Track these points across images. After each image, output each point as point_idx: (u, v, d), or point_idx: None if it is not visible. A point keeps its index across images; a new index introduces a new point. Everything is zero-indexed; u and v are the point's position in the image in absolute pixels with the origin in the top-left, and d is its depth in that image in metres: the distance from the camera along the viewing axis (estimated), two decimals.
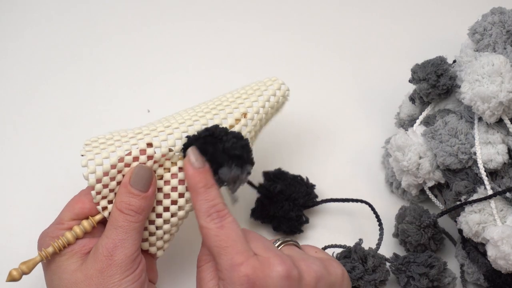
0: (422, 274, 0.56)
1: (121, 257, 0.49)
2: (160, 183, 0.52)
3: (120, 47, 0.77)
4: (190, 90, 0.74)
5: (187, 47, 0.77)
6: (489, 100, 0.55)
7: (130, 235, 0.50)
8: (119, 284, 0.49)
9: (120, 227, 0.50)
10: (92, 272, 0.49)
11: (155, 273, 0.56)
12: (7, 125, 0.70)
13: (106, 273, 0.49)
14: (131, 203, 0.50)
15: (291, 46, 0.78)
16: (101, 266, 0.49)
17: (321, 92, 0.74)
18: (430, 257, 0.57)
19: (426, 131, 0.59)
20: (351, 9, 0.81)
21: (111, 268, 0.49)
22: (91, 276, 0.49)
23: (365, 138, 0.70)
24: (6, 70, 0.74)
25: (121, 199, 0.51)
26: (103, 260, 0.49)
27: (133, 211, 0.50)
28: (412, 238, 0.59)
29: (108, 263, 0.49)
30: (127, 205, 0.50)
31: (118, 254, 0.49)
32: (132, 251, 0.50)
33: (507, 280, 0.57)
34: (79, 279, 0.50)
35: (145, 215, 0.51)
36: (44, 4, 0.80)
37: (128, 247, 0.50)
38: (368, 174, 0.68)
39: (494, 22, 0.61)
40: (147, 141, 0.52)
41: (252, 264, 0.47)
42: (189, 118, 0.54)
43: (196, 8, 0.81)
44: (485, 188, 0.56)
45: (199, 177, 0.50)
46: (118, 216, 0.50)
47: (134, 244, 0.50)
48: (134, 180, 0.50)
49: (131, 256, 0.50)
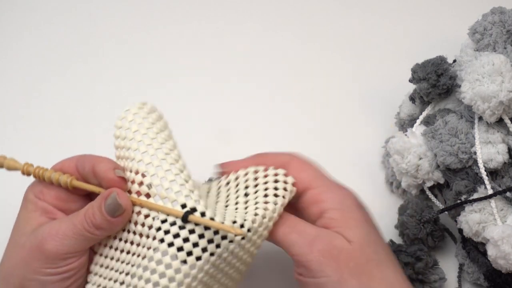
0: (407, 264, 0.57)
1: (53, 249, 0.48)
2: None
3: (120, 47, 0.77)
4: (190, 90, 0.74)
5: (188, 48, 0.77)
6: (490, 99, 0.55)
7: (76, 237, 0.49)
8: (38, 271, 0.48)
9: (73, 224, 0.49)
10: (27, 244, 0.49)
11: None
12: (7, 125, 0.70)
13: (33, 253, 0.49)
14: (95, 216, 0.49)
15: (291, 46, 0.78)
16: (33, 244, 0.49)
17: (321, 92, 0.74)
18: (420, 250, 0.58)
19: (426, 131, 0.59)
20: (351, 9, 0.81)
21: (38, 252, 0.48)
22: (25, 247, 0.49)
23: (365, 138, 0.70)
24: (6, 70, 0.74)
25: (92, 205, 0.50)
26: (39, 240, 0.49)
27: (92, 223, 0.49)
28: (410, 231, 0.59)
29: (39, 246, 0.48)
30: (91, 215, 0.49)
31: (51, 243, 0.48)
32: (66, 251, 0.49)
33: (507, 280, 0.57)
34: (19, 243, 0.49)
35: (101, 233, 0.50)
36: (44, 5, 0.80)
37: (66, 244, 0.49)
38: (368, 174, 0.68)
39: (494, 21, 0.61)
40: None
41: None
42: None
43: (196, 9, 0.81)
44: (485, 187, 0.56)
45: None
46: (79, 216, 0.50)
47: (73, 246, 0.49)
48: (108, 202, 0.49)
49: (64, 255, 0.49)
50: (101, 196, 0.50)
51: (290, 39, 0.78)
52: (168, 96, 0.72)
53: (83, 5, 0.80)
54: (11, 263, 0.49)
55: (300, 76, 0.75)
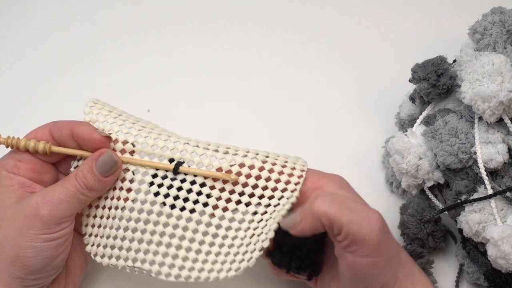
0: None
1: (49, 214, 0.50)
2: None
3: (121, 47, 0.77)
4: (190, 90, 0.74)
5: (188, 48, 0.77)
6: (490, 99, 0.55)
7: (69, 200, 0.50)
8: (34, 237, 0.49)
9: (66, 188, 0.51)
10: (19, 214, 0.50)
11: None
12: (7, 126, 0.70)
13: (28, 220, 0.49)
14: (86, 178, 0.51)
15: (290, 46, 0.78)
16: (28, 212, 0.50)
17: (321, 92, 0.74)
18: (422, 247, 0.58)
19: (426, 131, 0.59)
20: (351, 10, 0.81)
21: (35, 218, 0.49)
22: (15, 217, 0.50)
23: (365, 138, 0.70)
24: (6, 70, 0.74)
25: (82, 168, 0.51)
26: (33, 207, 0.50)
27: (85, 185, 0.51)
28: (410, 231, 0.59)
29: (35, 213, 0.50)
30: (83, 177, 0.51)
31: (48, 209, 0.50)
32: (62, 215, 0.50)
33: (507, 280, 0.57)
34: (7, 216, 0.50)
35: (93, 194, 0.52)
36: (44, 5, 0.80)
37: (62, 209, 0.50)
38: (368, 174, 0.68)
39: (494, 21, 0.61)
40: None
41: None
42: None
43: (196, 9, 0.81)
44: (485, 187, 0.56)
45: None
46: (71, 180, 0.51)
47: (68, 210, 0.51)
48: (100, 163, 0.51)
49: (60, 219, 0.50)
50: (90, 158, 0.52)
51: (290, 39, 0.78)
52: (168, 96, 0.72)
53: (83, 5, 0.80)
54: (2, 235, 0.50)
55: (300, 76, 0.75)
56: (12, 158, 0.53)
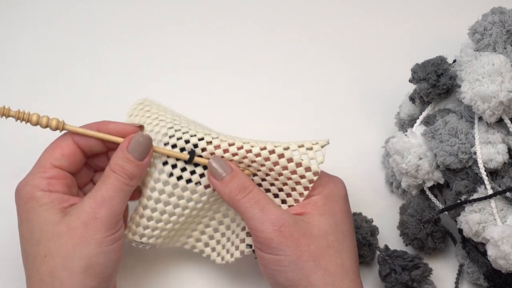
0: (404, 269, 0.57)
1: (107, 213, 0.49)
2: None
3: (121, 47, 0.77)
4: (190, 90, 0.74)
5: (188, 48, 0.77)
6: (489, 99, 0.55)
7: (119, 194, 0.50)
8: (101, 240, 0.49)
9: (111, 184, 0.50)
10: (76, 224, 0.49)
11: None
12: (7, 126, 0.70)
13: (91, 226, 0.49)
14: (125, 167, 0.51)
15: (291, 46, 0.78)
16: (87, 218, 0.49)
17: (321, 92, 0.74)
18: (418, 258, 0.58)
19: (426, 131, 0.59)
20: (351, 9, 0.81)
21: (96, 222, 0.49)
22: (74, 228, 0.49)
23: (365, 138, 0.70)
24: (6, 70, 0.74)
25: (116, 161, 0.51)
26: (89, 213, 0.49)
27: (126, 175, 0.51)
28: (410, 231, 0.59)
29: (94, 216, 0.49)
30: (121, 167, 0.51)
31: (105, 209, 0.49)
32: (118, 211, 0.50)
33: (507, 280, 0.57)
34: (62, 231, 0.49)
35: (135, 182, 0.52)
36: (44, 5, 0.80)
37: (115, 205, 0.50)
38: (368, 174, 0.68)
39: (494, 21, 0.61)
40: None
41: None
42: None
43: (196, 9, 0.81)
44: (485, 187, 0.56)
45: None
46: (111, 175, 0.51)
47: (121, 205, 0.50)
48: (132, 147, 0.51)
49: (117, 216, 0.50)
50: (120, 148, 0.51)
51: (290, 39, 0.78)
52: (168, 95, 0.72)
53: (83, 6, 0.80)
54: (65, 250, 0.49)
55: (300, 76, 0.75)
56: (42, 177, 0.52)
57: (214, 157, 0.53)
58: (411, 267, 0.57)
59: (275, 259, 0.51)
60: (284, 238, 0.51)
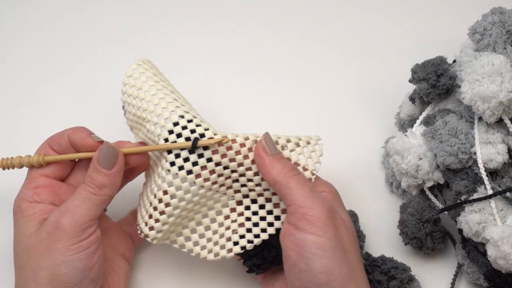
0: (380, 282, 0.57)
1: (69, 222, 0.49)
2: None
3: (121, 47, 0.77)
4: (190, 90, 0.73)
5: (188, 48, 0.77)
6: (489, 100, 0.55)
7: (84, 203, 0.50)
8: (64, 250, 0.49)
9: (77, 194, 0.51)
10: (43, 235, 0.50)
11: (131, 254, 0.59)
12: (7, 126, 0.70)
13: (53, 236, 0.49)
14: (93, 177, 0.51)
15: (291, 46, 0.78)
16: (50, 229, 0.50)
17: (321, 92, 0.74)
18: (395, 268, 0.58)
19: (426, 131, 0.59)
20: (351, 10, 0.81)
21: (57, 231, 0.49)
22: (41, 239, 0.50)
23: (365, 138, 0.70)
24: (6, 70, 0.74)
25: (88, 173, 0.52)
26: (52, 222, 0.50)
27: (94, 184, 0.51)
28: (409, 230, 0.59)
29: (56, 226, 0.49)
30: (90, 178, 0.51)
31: (67, 218, 0.50)
32: (83, 220, 0.50)
33: (507, 280, 0.57)
34: (32, 242, 0.50)
35: (106, 191, 0.52)
36: (44, 5, 0.80)
37: (79, 214, 0.50)
38: (368, 174, 0.68)
39: (494, 22, 0.61)
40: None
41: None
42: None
43: (196, 9, 0.81)
44: (485, 187, 0.56)
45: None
46: (80, 186, 0.51)
47: (87, 214, 0.50)
48: (100, 158, 0.51)
49: (81, 225, 0.50)
50: (92, 160, 0.52)
51: (290, 39, 0.78)
52: None
53: (83, 6, 0.80)
54: (34, 261, 0.50)
55: (300, 76, 0.75)
56: (28, 188, 0.53)
57: (267, 133, 0.54)
58: (389, 278, 0.57)
59: (316, 241, 0.49)
60: (330, 220, 0.50)
